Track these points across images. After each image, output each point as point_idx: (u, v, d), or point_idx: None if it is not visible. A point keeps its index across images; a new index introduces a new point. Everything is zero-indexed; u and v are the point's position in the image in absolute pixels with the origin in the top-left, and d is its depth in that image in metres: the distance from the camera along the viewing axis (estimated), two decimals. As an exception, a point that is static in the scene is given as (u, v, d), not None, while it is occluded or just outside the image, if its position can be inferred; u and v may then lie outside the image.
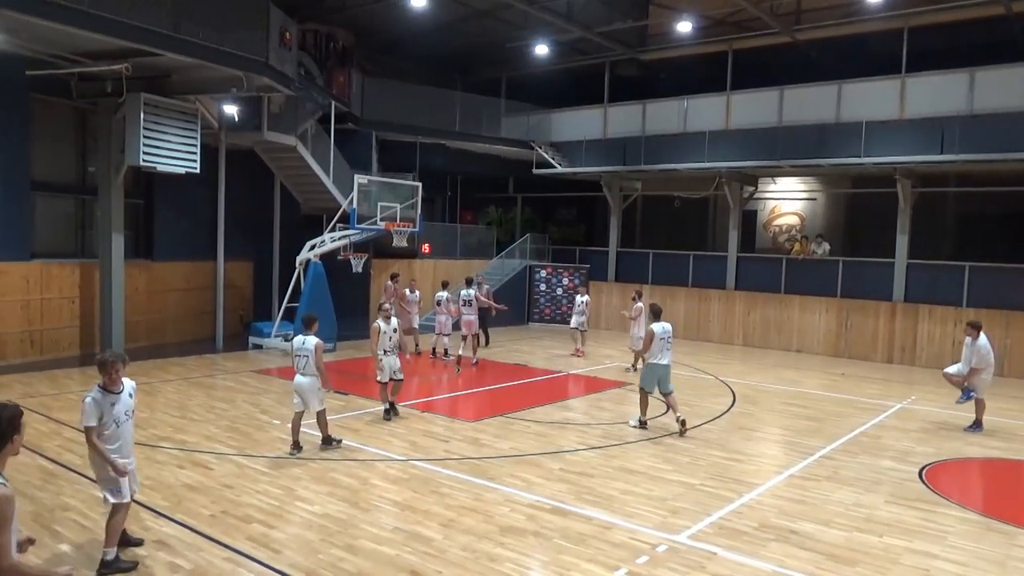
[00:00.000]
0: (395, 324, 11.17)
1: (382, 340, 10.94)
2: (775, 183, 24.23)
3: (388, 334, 11.00)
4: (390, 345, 11.03)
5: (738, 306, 21.62)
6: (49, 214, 15.98)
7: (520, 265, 24.68)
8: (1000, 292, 17.76)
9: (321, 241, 17.15)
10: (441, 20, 20.76)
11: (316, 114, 18.58)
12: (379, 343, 10.93)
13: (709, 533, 7.09)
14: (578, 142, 23.74)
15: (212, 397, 12.32)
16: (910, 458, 10.01)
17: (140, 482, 6.86)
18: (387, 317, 11.11)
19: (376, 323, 11.06)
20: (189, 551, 6.31)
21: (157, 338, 17.50)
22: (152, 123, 14.22)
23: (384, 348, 10.94)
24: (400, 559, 6.30)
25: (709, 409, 12.66)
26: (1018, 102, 16.73)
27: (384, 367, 10.96)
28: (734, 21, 20.93)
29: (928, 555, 6.77)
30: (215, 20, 13.19)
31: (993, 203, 20.44)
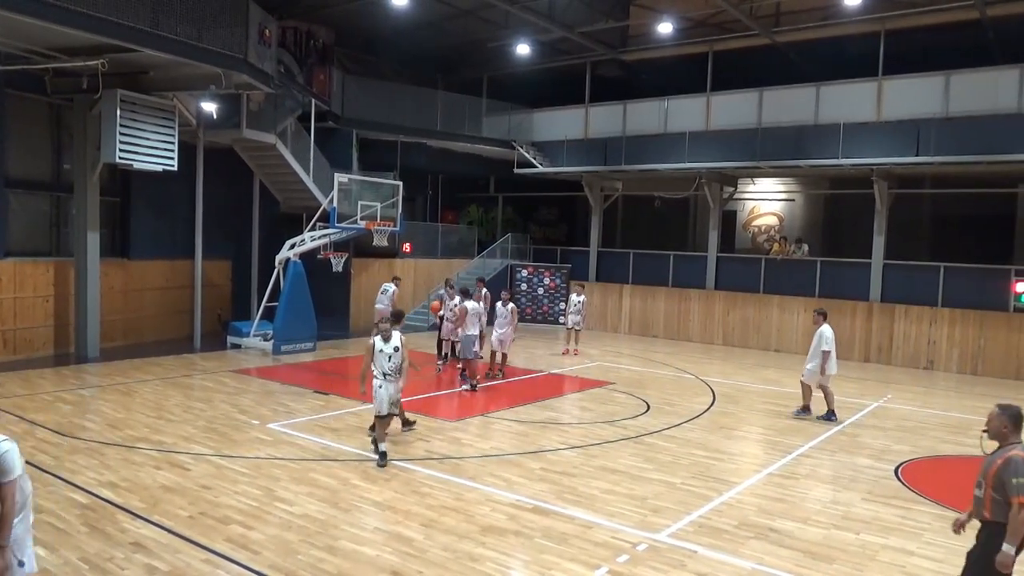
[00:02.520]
0: (398, 342, 9.04)
1: (378, 361, 8.97)
2: (754, 184, 24.44)
3: (387, 353, 8.98)
4: (389, 368, 8.97)
5: (718, 306, 21.77)
6: (23, 212, 15.72)
7: (501, 265, 24.68)
8: (974, 292, 18.04)
9: (301, 240, 17.04)
10: (422, 19, 20.70)
11: (296, 112, 18.47)
12: (372, 365, 9.00)
13: (689, 532, 7.13)
14: (559, 142, 23.79)
15: (190, 397, 12.19)
16: (886, 456, 10.13)
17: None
18: (386, 335, 9.03)
19: (370, 340, 9.19)
20: (166, 553, 6.23)
21: (134, 338, 17.28)
22: (129, 120, 14.06)
23: (384, 371, 8.96)
24: (381, 559, 6.26)
25: (690, 409, 12.72)
26: (992, 105, 17.01)
27: (381, 397, 8.92)
28: (714, 23, 21.07)
29: (904, 552, 6.85)
30: (194, 16, 13.05)
31: (968, 205, 20.77)
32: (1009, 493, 4.72)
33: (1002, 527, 4.75)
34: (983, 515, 4.94)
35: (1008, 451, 4.86)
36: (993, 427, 5.02)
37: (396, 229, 18.14)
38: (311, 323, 16.97)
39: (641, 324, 23.10)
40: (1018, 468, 4.72)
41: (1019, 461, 4.74)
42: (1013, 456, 4.79)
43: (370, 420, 9.56)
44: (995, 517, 4.82)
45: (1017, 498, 4.67)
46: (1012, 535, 4.69)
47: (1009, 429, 4.95)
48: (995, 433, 5.01)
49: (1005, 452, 4.88)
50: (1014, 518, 4.68)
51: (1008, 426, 4.96)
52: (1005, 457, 4.83)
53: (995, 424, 5.00)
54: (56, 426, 9.99)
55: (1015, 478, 4.70)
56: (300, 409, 11.56)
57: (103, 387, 12.71)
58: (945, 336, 18.24)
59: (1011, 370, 17.30)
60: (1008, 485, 4.72)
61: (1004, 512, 4.76)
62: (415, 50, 23.19)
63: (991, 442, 5.06)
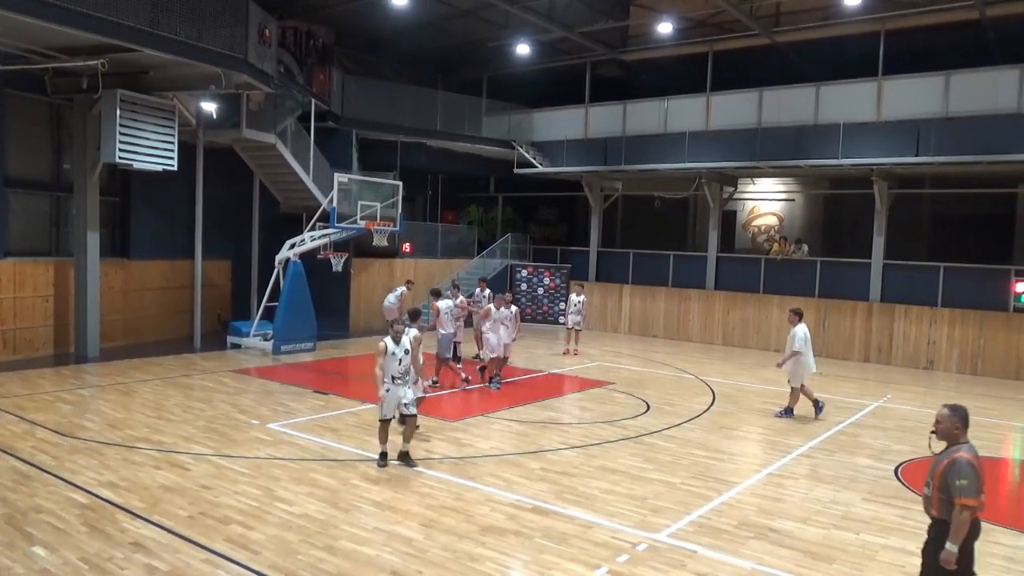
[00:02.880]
0: (408, 344, 8.77)
1: (388, 364, 8.65)
2: (754, 184, 24.44)
3: (397, 356, 8.67)
4: (399, 371, 8.68)
5: (718, 306, 21.77)
6: (23, 211, 15.71)
7: (501, 265, 24.68)
8: (974, 292, 18.04)
9: (301, 240, 17.04)
10: (423, 19, 20.70)
11: (296, 112, 18.46)
12: (383, 367, 8.66)
13: (689, 532, 7.13)
14: (559, 142, 23.79)
15: (190, 397, 12.19)
16: (886, 456, 10.13)
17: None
18: (396, 336, 8.72)
19: (382, 342, 8.77)
20: (166, 553, 6.23)
21: (134, 337, 17.28)
22: (129, 120, 14.06)
23: (392, 374, 8.66)
24: (380, 559, 6.26)
25: (690, 409, 12.73)
26: (992, 105, 17.01)
27: (387, 400, 8.67)
28: (714, 23, 21.07)
29: (904, 552, 6.85)
30: (194, 16, 13.05)
31: (968, 205, 20.79)
32: (953, 494, 4.80)
33: (949, 525, 4.84)
34: (931, 513, 5.03)
35: (955, 452, 4.93)
36: (943, 428, 5.06)
37: (396, 229, 18.14)
38: (311, 323, 16.97)
39: (641, 324, 23.10)
40: (962, 470, 4.80)
41: (963, 462, 4.82)
42: (958, 457, 4.86)
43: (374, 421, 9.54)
44: (942, 516, 4.92)
45: (959, 499, 4.76)
46: (954, 534, 4.79)
47: (960, 429, 5.01)
48: (945, 433, 5.05)
49: (952, 453, 4.95)
50: (956, 518, 4.78)
51: (959, 426, 5.01)
52: (951, 458, 4.90)
53: (946, 425, 5.04)
54: (56, 426, 9.99)
55: (958, 480, 4.78)
56: (300, 409, 11.56)
57: (103, 387, 12.71)
58: (945, 336, 18.24)
59: (1011, 370, 17.31)
60: (952, 486, 4.81)
61: (950, 511, 4.84)
62: (415, 50, 23.19)
63: (940, 442, 5.11)
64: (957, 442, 5.00)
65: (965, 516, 4.76)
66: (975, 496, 4.78)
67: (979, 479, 4.82)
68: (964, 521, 4.76)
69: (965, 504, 4.75)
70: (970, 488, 4.76)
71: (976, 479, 4.80)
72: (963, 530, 4.78)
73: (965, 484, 4.76)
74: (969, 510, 4.77)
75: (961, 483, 4.77)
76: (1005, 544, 7.16)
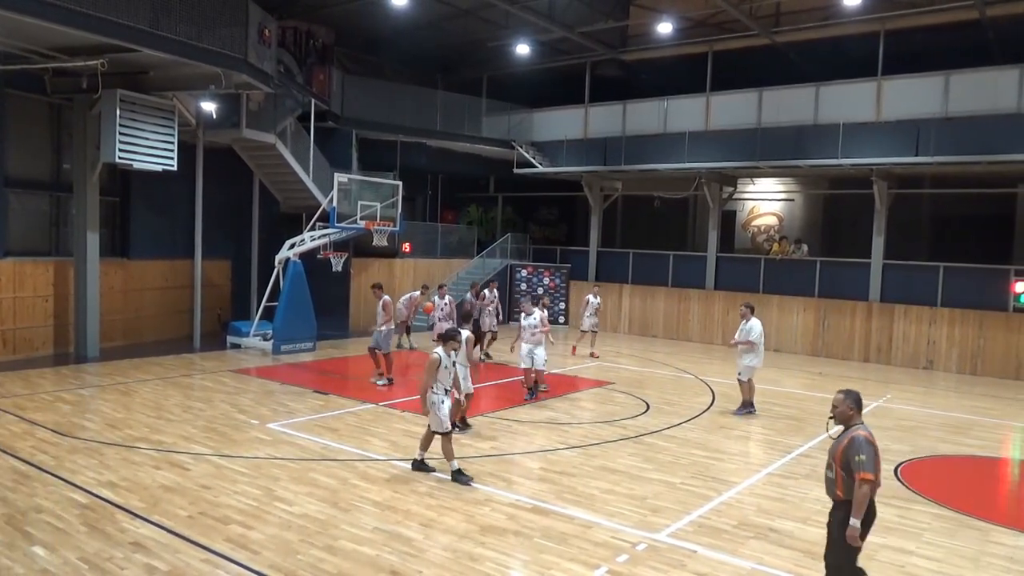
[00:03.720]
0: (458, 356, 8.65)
1: (441, 377, 8.35)
2: (754, 184, 24.44)
3: (450, 370, 8.45)
4: (451, 382, 8.49)
5: (717, 306, 21.77)
6: (23, 211, 15.71)
7: (501, 264, 24.68)
8: (974, 292, 18.05)
9: (300, 240, 17.04)
10: (422, 19, 20.70)
11: (296, 112, 18.46)
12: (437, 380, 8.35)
13: (689, 531, 7.13)
14: (559, 142, 23.79)
15: (189, 397, 12.19)
16: (886, 455, 9.99)
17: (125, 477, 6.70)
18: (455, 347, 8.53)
19: (433, 354, 8.41)
20: (166, 552, 6.23)
21: (134, 337, 17.28)
22: (128, 120, 14.05)
23: (445, 387, 8.41)
24: (380, 559, 6.26)
25: (689, 408, 12.73)
26: (992, 105, 17.01)
27: (444, 414, 8.35)
28: (714, 23, 21.07)
29: (903, 551, 6.85)
30: (194, 16, 13.04)
31: (967, 205, 20.79)
32: (854, 470, 5.06)
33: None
34: (836, 495, 5.25)
35: (852, 432, 5.22)
36: (840, 411, 5.34)
37: (396, 229, 18.14)
38: (311, 323, 16.96)
39: (641, 324, 23.10)
40: (860, 446, 5.08)
41: (861, 440, 5.12)
42: (856, 436, 5.16)
43: (379, 423, 9.54)
44: (847, 496, 5.15)
45: (859, 474, 5.03)
46: (856, 509, 5.05)
47: (854, 412, 5.31)
48: (842, 416, 5.34)
49: (849, 433, 5.24)
50: (857, 492, 5.04)
51: (853, 409, 5.31)
52: (849, 437, 5.19)
53: (842, 408, 5.33)
54: (56, 426, 9.99)
55: (857, 455, 5.06)
56: (300, 409, 11.56)
57: (103, 387, 12.71)
58: (944, 336, 18.25)
59: (1010, 370, 17.32)
60: (852, 462, 5.07)
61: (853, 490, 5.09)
62: (415, 50, 23.19)
63: (837, 427, 5.39)
64: (852, 423, 5.30)
65: (865, 490, 5.03)
66: (873, 471, 5.04)
67: (876, 455, 5.11)
68: (864, 495, 5.03)
69: (864, 478, 5.02)
70: (868, 463, 5.03)
71: (874, 455, 5.08)
72: (864, 504, 5.04)
73: (864, 459, 5.03)
74: (868, 484, 5.03)
75: (860, 458, 5.04)
76: (1005, 544, 7.16)
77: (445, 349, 8.45)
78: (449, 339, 8.54)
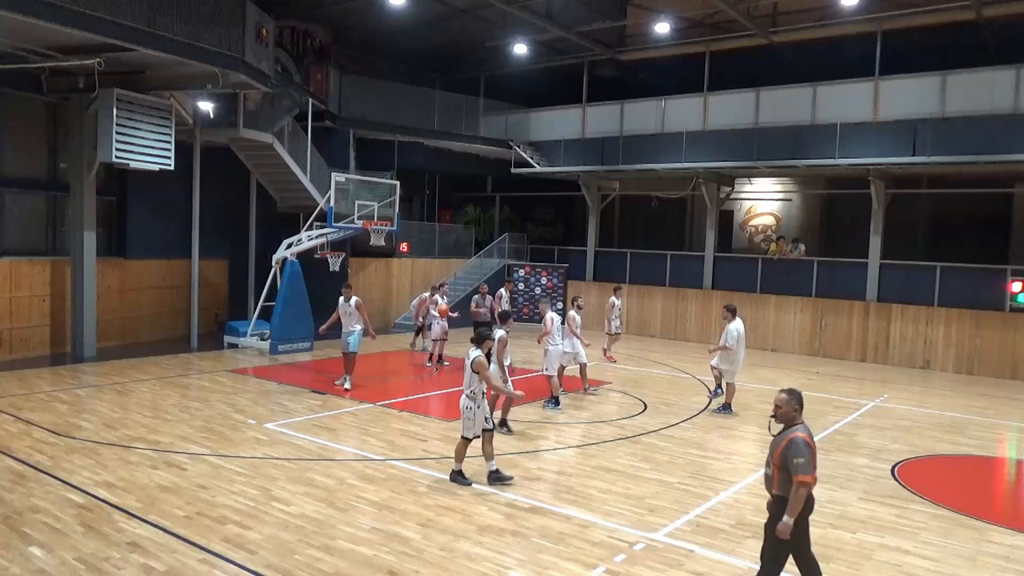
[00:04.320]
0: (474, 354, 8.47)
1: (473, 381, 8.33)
2: (751, 184, 24.46)
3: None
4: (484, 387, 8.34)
5: (715, 306, 21.73)
6: (19, 211, 15.69)
7: (498, 264, 24.68)
8: (970, 292, 18.08)
9: (298, 239, 17.02)
10: (420, 18, 20.68)
11: (293, 111, 18.43)
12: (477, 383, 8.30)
13: (686, 531, 7.14)
14: (556, 142, 23.78)
15: (186, 397, 12.17)
16: (883, 455, 10.15)
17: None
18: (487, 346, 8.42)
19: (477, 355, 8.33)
20: (163, 552, 6.22)
21: (130, 337, 17.25)
22: (125, 119, 14.03)
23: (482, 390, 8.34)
24: (378, 559, 6.26)
25: (687, 408, 12.74)
26: (988, 105, 17.03)
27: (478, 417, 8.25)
28: (711, 23, 21.08)
29: (900, 551, 6.87)
30: (190, 15, 13.01)
31: (964, 205, 20.84)
32: (792, 472, 5.12)
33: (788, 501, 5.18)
34: (772, 491, 5.34)
35: (792, 432, 5.27)
36: (783, 411, 5.39)
37: (393, 229, 18.13)
38: (308, 323, 16.93)
39: (638, 324, 23.11)
40: (799, 449, 5.13)
41: (800, 442, 5.17)
42: (795, 437, 5.20)
43: (379, 425, 9.50)
44: (783, 492, 5.23)
45: (797, 476, 5.08)
46: (791, 508, 5.13)
47: (797, 411, 5.37)
48: (785, 416, 5.38)
49: (789, 433, 5.28)
50: (793, 494, 5.11)
51: (796, 408, 5.37)
52: (788, 438, 5.23)
53: (785, 409, 5.38)
54: (52, 426, 9.98)
55: (796, 458, 5.11)
56: (297, 409, 11.55)
57: (99, 387, 12.69)
58: (941, 336, 18.28)
59: (1006, 370, 17.35)
60: (790, 464, 5.13)
61: (789, 487, 5.16)
62: (413, 49, 23.18)
63: (778, 425, 5.45)
64: (794, 423, 5.34)
65: (802, 492, 5.09)
66: (810, 473, 5.11)
67: (813, 457, 5.17)
68: (801, 497, 5.10)
69: (802, 481, 5.08)
70: (806, 465, 5.09)
71: (811, 457, 5.14)
72: (799, 505, 5.12)
73: (802, 462, 5.09)
74: (805, 486, 5.10)
75: (798, 461, 5.10)
76: (1001, 543, 7.18)
77: (482, 349, 8.37)
78: (484, 339, 8.44)
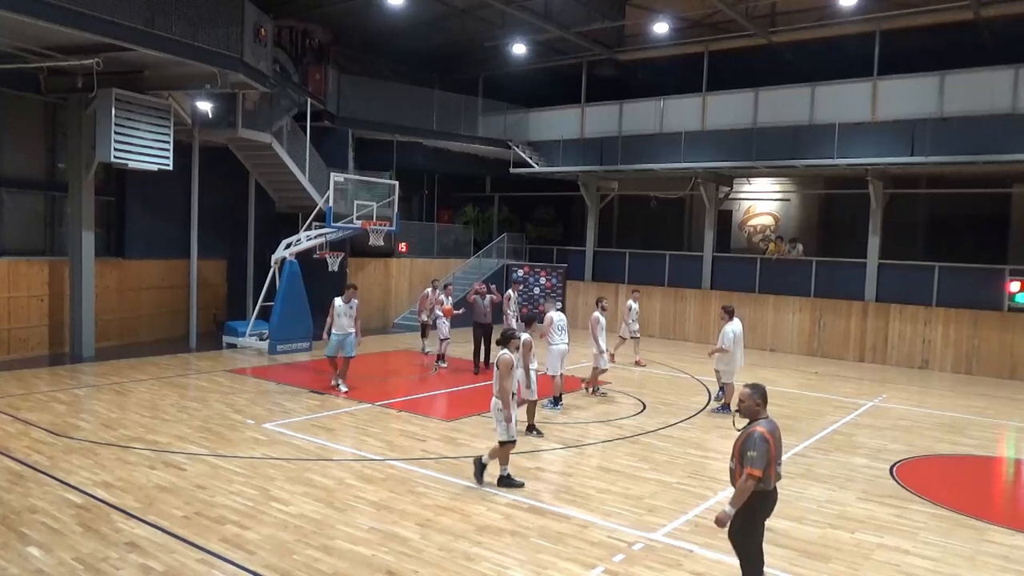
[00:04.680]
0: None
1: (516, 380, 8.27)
2: (750, 184, 24.47)
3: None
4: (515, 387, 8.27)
5: (714, 305, 21.71)
6: (17, 211, 15.67)
7: (497, 264, 24.68)
8: (969, 292, 18.09)
9: (297, 239, 17.00)
10: (419, 18, 20.68)
11: (292, 111, 18.42)
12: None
13: (685, 531, 7.13)
14: (555, 141, 23.78)
15: (185, 397, 12.16)
16: (882, 455, 10.15)
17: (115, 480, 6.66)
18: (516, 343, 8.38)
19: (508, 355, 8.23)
20: (161, 552, 6.21)
21: (129, 337, 17.23)
22: (124, 119, 14.02)
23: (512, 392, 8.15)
24: (376, 559, 6.25)
25: (686, 408, 12.74)
26: (987, 105, 17.04)
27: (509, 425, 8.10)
28: (710, 23, 21.09)
29: (900, 551, 6.86)
30: (189, 15, 13.00)
31: (962, 205, 20.85)
32: (743, 463, 5.21)
33: (755, 493, 5.21)
34: (735, 485, 5.37)
35: (752, 426, 5.34)
36: (746, 406, 5.46)
37: (392, 229, 18.12)
38: (307, 323, 16.93)
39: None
40: (755, 442, 5.20)
41: (757, 435, 5.22)
42: (753, 431, 5.27)
43: (380, 426, 9.49)
44: None
45: (747, 468, 5.16)
46: (735, 498, 5.21)
47: (760, 406, 5.44)
48: (748, 411, 5.46)
49: (750, 427, 5.35)
50: (741, 483, 5.18)
51: (759, 403, 5.44)
52: (748, 432, 5.31)
53: (748, 403, 5.45)
54: (51, 426, 9.97)
55: (750, 451, 5.18)
56: (295, 409, 11.55)
57: (98, 387, 12.68)
58: (940, 335, 18.29)
59: (1005, 369, 17.36)
60: (744, 456, 5.22)
61: None
62: (411, 49, 23.17)
63: (743, 420, 5.53)
64: (758, 417, 5.40)
65: (749, 484, 5.15)
66: (761, 467, 5.14)
67: (768, 452, 5.19)
68: (747, 488, 5.15)
69: (751, 473, 5.14)
70: (758, 459, 5.14)
71: (766, 452, 5.17)
72: (742, 496, 5.17)
73: (754, 456, 5.15)
74: (753, 479, 5.14)
75: (751, 454, 5.16)
76: (1001, 543, 7.18)
77: (509, 348, 8.27)
78: (511, 338, 8.37)
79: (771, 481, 5.26)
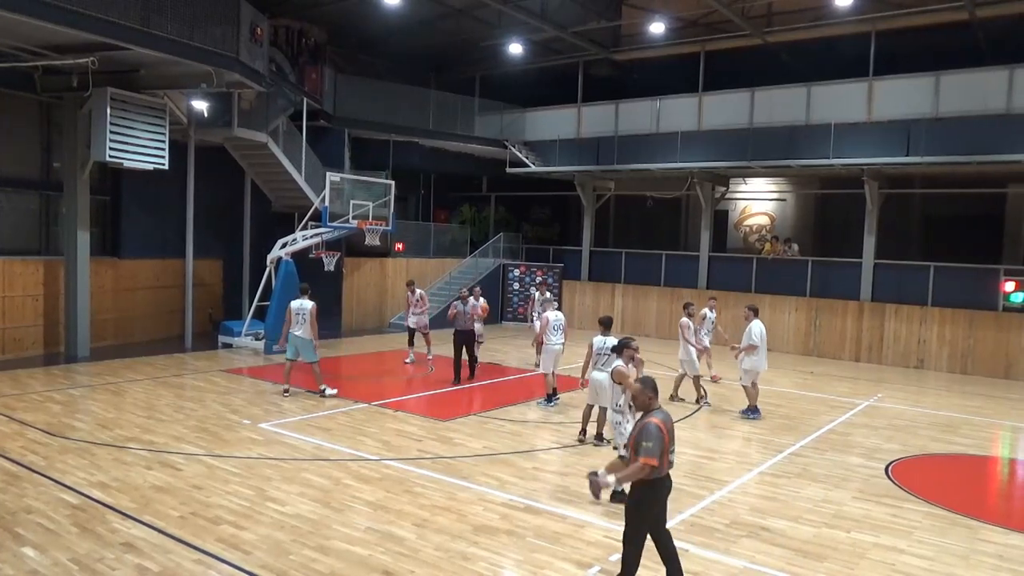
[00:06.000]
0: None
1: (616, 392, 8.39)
2: (746, 183, 24.51)
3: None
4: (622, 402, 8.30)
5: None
6: (12, 210, 15.62)
7: (493, 264, 24.67)
8: (964, 292, 18.15)
9: (293, 239, 16.99)
10: (415, 18, 20.66)
11: (288, 111, 18.39)
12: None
13: (681, 530, 7.14)
14: (552, 141, 23.79)
15: (181, 397, 12.13)
16: (877, 455, 10.18)
17: (111, 481, 6.66)
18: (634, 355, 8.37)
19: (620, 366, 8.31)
20: (157, 553, 6.20)
21: (125, 337, 17.20)
22: (119, 118, 13.98)
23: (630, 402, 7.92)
24: (373, 559, 6.25)
25: (682, 407, 12.75)
26: (981, 105, 17.10)
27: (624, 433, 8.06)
28: (706, 23, 21.11)
29: (895, 550, 6.88)
30: (185, 14, 12.97)
31: (957, 205, 20.91)
32: (639, 454, 5.37)
33: (645, 483, 5.45)
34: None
35: (647, 418, 5.52)
36: (640, 401, 5.67)
37: (388, 228, 18.12)
38: (303, 322, 16.89)
39: (633, 323, 23.11)
40: (650, 434, 5.37)
41: (652, 426, 5.40)
42: (648, 422, 5.45)
43: (363, 420, 9.47)
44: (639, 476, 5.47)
45: (643, 458, 5.33)
46: (624, 475, 5.51)
47: (652, 398, 5.63)
48: (642, 404, 5.66)
49: (644, 419, 5.54)
50: (633, 465, 5.40)
51: (651, 396, 5.63)
52: (643, 424, 5.49)
53: (641, 398, 5.66)
54: (46, 426, 9.94)
55: (645, 442, 5.36)
56: (292, 409, 11.53)
57: (93, 387, 12.65)
58: (935, 335, 18.35)
59: (1000, 369, 17.42)
60: (640, 447, 5.38)
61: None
62: (408, 49, 23.15)
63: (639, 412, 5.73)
64: (652, 409, 5.58)
65: (642, 469, 5.33)
66: (654, 456, 5.32)
67: (663, 441, 5.36)
68: (636, 471, 5.36)
69: (647, 462, 5.31)
70: (654, 449, 5.32)
71: (660, 441, 5.35)
72: (632, 475, 5.41)
73: (649, 446, 5.32)
74: (646, 467, 5.32)
75: (646, 445, 5.33)
76: (996, 542, 7.20)
77: (623, 358, 8.39)
78: (624, 347, 8.50)
79: (664, 468, 5.44)
